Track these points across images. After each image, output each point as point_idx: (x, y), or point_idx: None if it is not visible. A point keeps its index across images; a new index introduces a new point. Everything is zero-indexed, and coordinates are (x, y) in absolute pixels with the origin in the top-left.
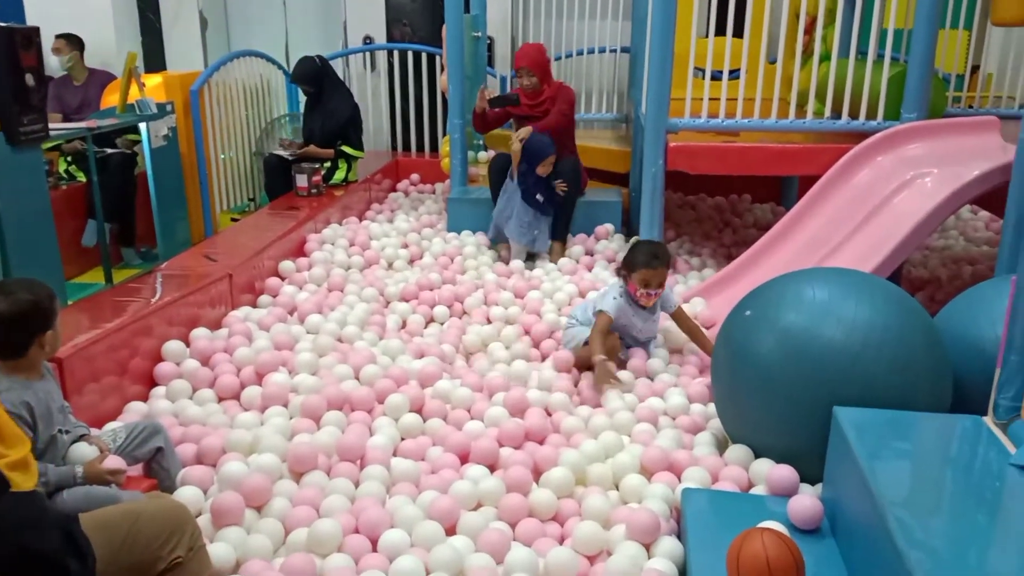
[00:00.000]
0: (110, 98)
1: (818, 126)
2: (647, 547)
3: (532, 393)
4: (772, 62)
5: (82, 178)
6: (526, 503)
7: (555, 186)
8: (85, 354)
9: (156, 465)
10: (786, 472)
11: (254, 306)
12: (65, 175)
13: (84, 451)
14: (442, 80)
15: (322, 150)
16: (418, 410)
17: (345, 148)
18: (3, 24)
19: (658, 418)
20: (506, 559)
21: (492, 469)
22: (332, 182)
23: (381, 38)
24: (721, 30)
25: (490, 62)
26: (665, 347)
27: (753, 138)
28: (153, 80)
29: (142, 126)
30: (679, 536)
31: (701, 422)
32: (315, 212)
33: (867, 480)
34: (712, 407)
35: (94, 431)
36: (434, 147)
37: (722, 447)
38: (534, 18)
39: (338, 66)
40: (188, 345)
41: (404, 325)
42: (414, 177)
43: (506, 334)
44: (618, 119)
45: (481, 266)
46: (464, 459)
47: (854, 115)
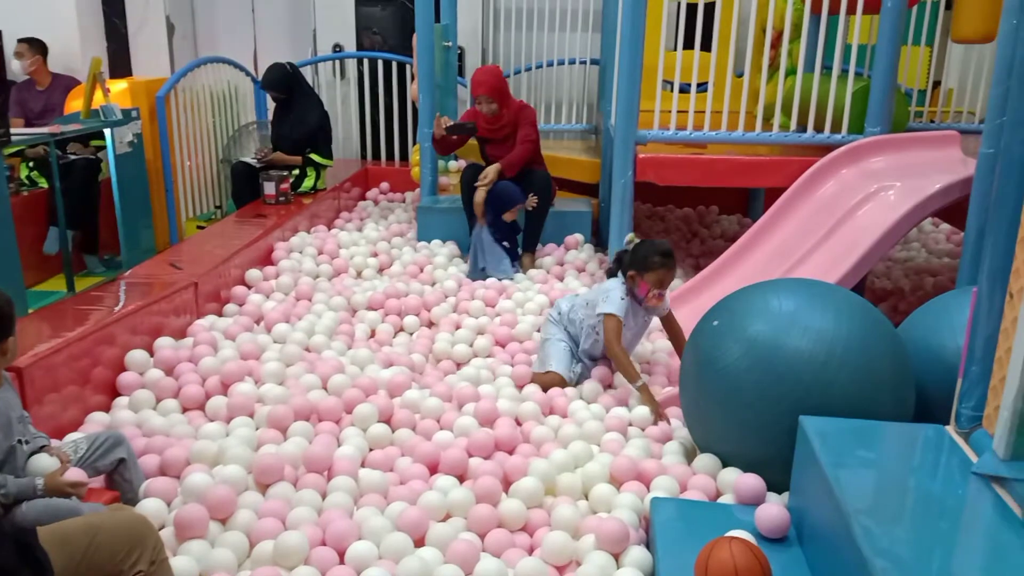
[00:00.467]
0: (74, 103)
1: (784, 139)
2: (616, 557)
3: (502, 403)
4: (739, 75)
5: (44, 184)
6: (495, 513)
7: (527, 203)
8: (46, 363)
9: (118, 477)
10: (753, 481)
11: (220, 315)
12: (27, 181)
13: (44, 463)
14: (412, 89)
15: (289, 157)
16: (387, 420)
17: (314, 156)
18: None
19: (627, 427)
20: (475, 570)
21: (461, 479)
22: (300, 190)
23: (351, 46)
24: (689, 44)
25: (460, 72)
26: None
27: (720, 150)
28: (118, 86)
29: (106, 132)
30: (648, 545)
31: (669, 431)
32: (283, 220)
33: (832, 488)
34: (680, 415)
35: (55, 442)
36: (404, 156)
37: (690, 456)
38: (504, 29)
39: (307, 74)
40: (152, 354)
41: (373, 334)
42: (384, 186)
43: (480, 345)
44: (588, 130)
45: (450, 278)
46: (433, 469)
47: (819, 128)
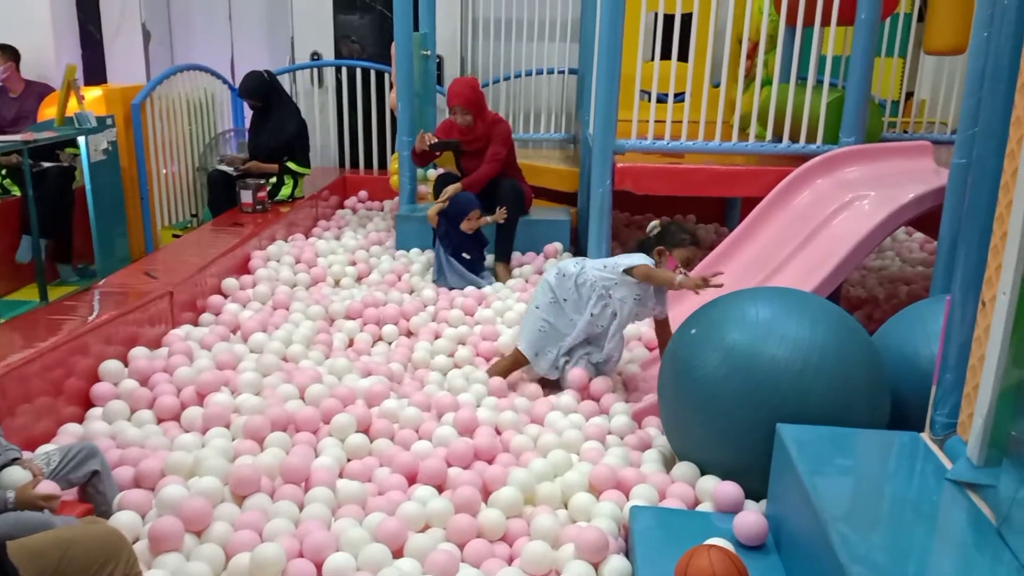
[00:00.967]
0: (47, 111)
1: (760, 149)
2: (596, 566)
3: (481, 412)
4: (716, 86)
5: (17, 192)
6: (475, 523)
7: (496, 214)
8: (18, 374)
9: (92, 489)
10: (731, 489)
11: (195, 324)
12: None
13: (16, 475)
14: (391, 97)
15: (265, 164)
16: (365, 430)
17: (290, 164)
18: None
19: (606, 436)
20: None
21: (440, 489)
22: (277, 198)
23: (329, 55)
24: (666, 54)
25: (439, 81)
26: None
27: (697, 160)
28: (93, 93)
29: (81, 140)
30: (627, 554)
31: (648, 439)
32: (260, 228)
33: (810, 496)
34: (659, 424)
35: (27, 454)
36: (383, 164)
37: (669, 464)
38: (483, 38)
39: (285, 82)
40: (126, 365)
41: (351, 344)
42: (362, 194)
43: (460, 355)
44: (566, 139)
45: (429, 287)
46: (412, 480)
47: (794, 138)
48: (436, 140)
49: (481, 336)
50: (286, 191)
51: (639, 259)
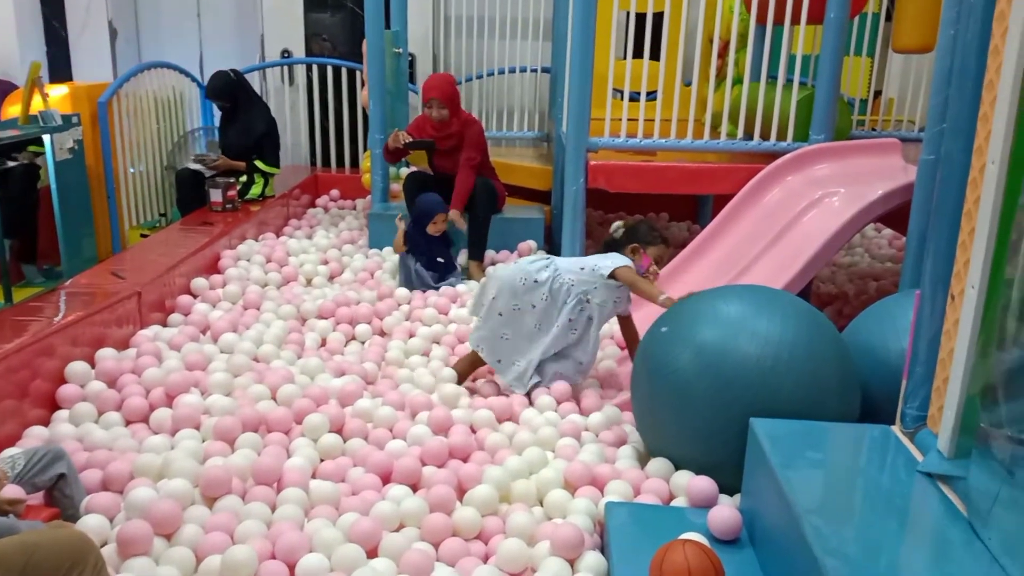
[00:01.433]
0: (11, 109)
1: (731, 146)
2: (571, 562)
3: (456, 411)
4: (687, 84)
5: None
6: (450, 522)
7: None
8: None
9: (58, 493)
10: (705, 484)
11: (164, 325)
12: None
13: None
14: (363, 95)
15: (234, 162)
16: (338, 430)
17: (259, 163)
18: None
19: (581, 432)
20: None
21: (415, 489)
22: (248, 197)
23: (300, 52)
24: (638, 53)
25: (411, 79)
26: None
27: (670, 158)
28: (58, 91)
29: (46, 138)
30: (603, 550)
31: (623, 436)
32: (230, 228)
33: (783, 489)
34: (632, 420)
35: None
36: (354, 163)
37: (643, 460)
38: (455, 36)
39: (255, 80)
40: (93, 366)
41: (324, 343)
42: (334, 193)
43: (435, 364)
44: (539, 137)
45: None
46: (386, 479)
47: (765, 136)
48: (411, 139)
49: (456, 336)
50: (256, 190)
51: (618, 260)
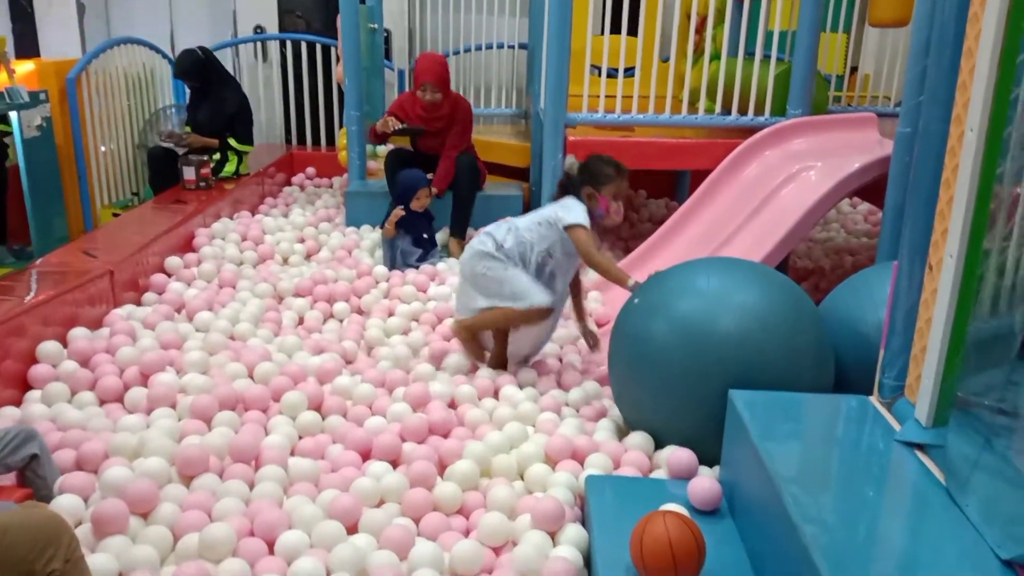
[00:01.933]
0: None
1: (709, 121)
2: (552, 535)
3: (435, 386)
4: (665, 60)
5: None
6: (430, 497)
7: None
8: None
9: (31, 473)
10: (685, 455)
11: (138, 304)
12: None
13: None
14: (338, 71)
15: (207, 139)
16: (317, 408)
17: (232, 141)
18: None
19: (561, 407)
20: (410, 555)
21: (395, 465)
22: (222, 175)
23: (273, 28)
24: (616, 29)
25: (387, 55)
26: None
27: (648, 133)
28: (25, 67)
29: (13, 115)
30: (583, 522)
31: (603, 409)
32: (204, 206)
33: (762, 459)
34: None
35: None
36: (330, 140)
37: (623, 433)
38: (431, 12)
39: (227, 56)
40: (66, 346)
41: (301, 322)
42: (310, 171)
43: (414, 338)
44: (517, 114)
45: (380, 263)
46: (366, 456)
47: (743, 111)
48: (400, 126)
49: (435, 313)
50: (230, 168)
51: (577, 214)
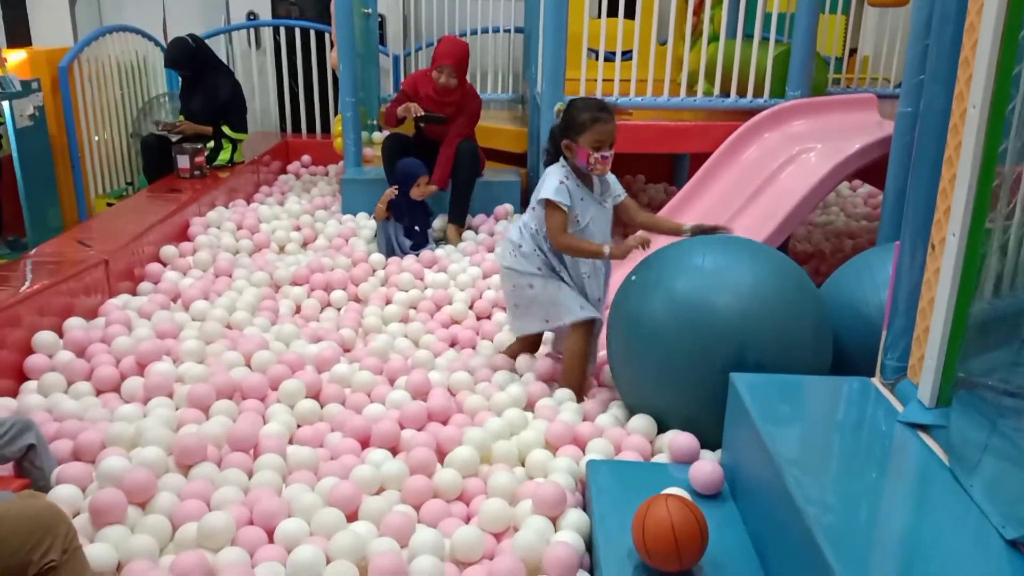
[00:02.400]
0: None
1: (708, 104)
2: (554, 520)
3: (434, 374)
4: (663, 43)
5: None
6: (430, 484)
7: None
8: None
9: (28, 464)
10: (686, 439)
11: (133, 294)
12: None
13: None
14: (332, 57)
15: (200, 126)
16: (315, 396)
17: (226, 129)
18: None
19: (560, 391)
20: (411, 542)
21: (394, 452)
22: (216, 164)
23: (266, 15)
24: (613, 12)
25: (382, 41)
26: None
27: (646, 116)
28: (16, 55)
29: (4, 105)
30: (585, 508)
31: (604, 393)
32: (199, 195)
33: (764, 442)
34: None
35: None
36: (325, 127)
37: (624, 418)
38: None
39: (220, 43)
40: (61, 336)
41: (298, 310)
42: (305, 158)
43: (413, 329)
44: (514, 99)
45: (377, 250)
46: (365, 444)
47: (742, 93)
48: (423, 112)
49: (433, 301)
50: (224, 156)
51: (548, 187)
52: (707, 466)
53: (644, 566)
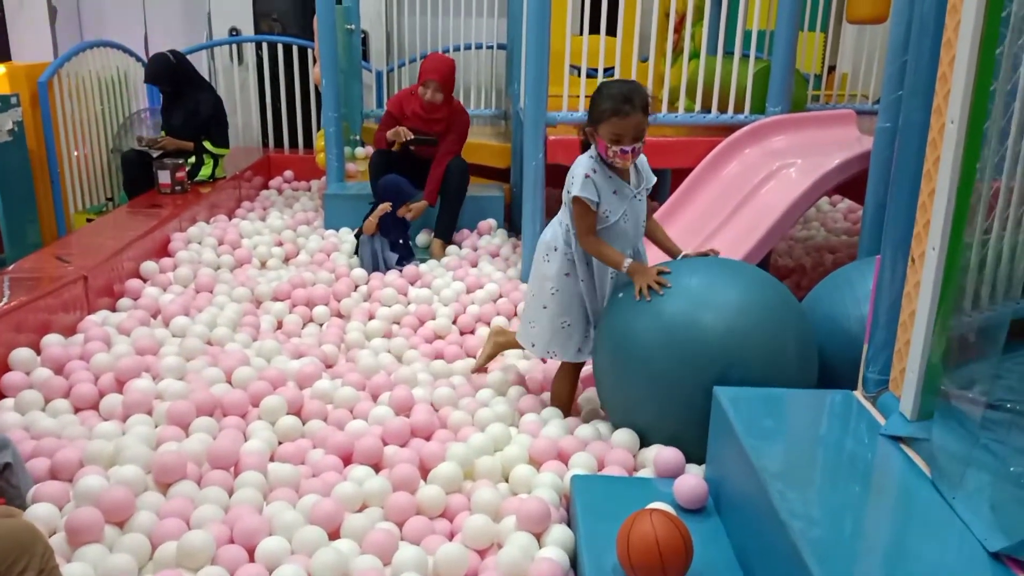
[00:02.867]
0: None
1: (689, 120)
2: (538, 536)
3: (417, 390)
4: (644, 60)
5: None
6: (413, 501)
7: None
8: None
9: (3, 483)
10: (672, 454)
11: (113, 310)
12: None
13: None
14: (315, 72)
15: (181, 141)
16: (297, 412)
17: (207, 144)
18: None
19: (544, 408)
20: (394, 559)
21: (377, 469)
22: (197, 179)
23: (248, 31)
24: (595, 29)
25: (365, 56)
26: None
27: None
28: None
29: None
30: (569, 523)
31: (588, 408)
32: (180, 210)
33: (748, 455)
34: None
35: None
36: (308, 143)
37: (607, 432)
38: (408, 13)
39: (202, 59)
40: (39, 353)
41: (280, 326)
42: (288, 174)
43: (396, 344)
44: (497, 115)
45: (359, 266)
46: (347, 460)
47: (723, 109)
48: (413, 135)
49: (417, 316)
50: (206, 171)
51: (576, 182)
52: (691, 480)
53: None
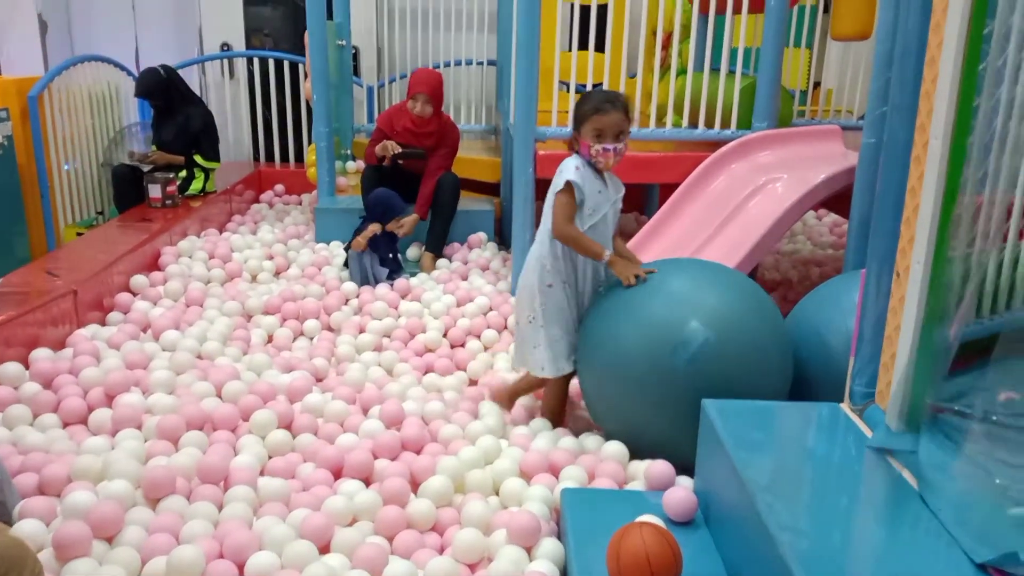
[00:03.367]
0: None
1: (676, 135)
2: (528, 550)
3: (408, 404)
4: (632, 76)
5: None
6: (404, 515)
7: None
8: None
9: None
10: (662, 466)
11: (103, 324)
12: None
13: None
14: (306, 87)
15: (172, 155)
16: (287, 426)
17: (198, 158)
18: None
19: (534, 420)
20: (384, 573)
21: (367, 483)
22: (188, 193)
23: (240, 46)
24: (584, 45)
25: (356, 72)
26: None
27: None
28: None
29: None
30: (560, 536)
31: (577, 421)
32: (170, 224)
33: (736, 468)
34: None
35: None
36: (299, 157)
37: (597, 444)
38: (399, 29)
39: (193, 73)
40: (27, 367)
41: (270, 340)
42: (278, 188)
43: (387, 358)
44: (487, 130)
45: (350, 280)
46: (338, 474)
47: (709, 125)
48: (401, 150)
49: (407, 329)
50: (197, 185)
51: (559, 180)
52: (680, 493)
53: None
